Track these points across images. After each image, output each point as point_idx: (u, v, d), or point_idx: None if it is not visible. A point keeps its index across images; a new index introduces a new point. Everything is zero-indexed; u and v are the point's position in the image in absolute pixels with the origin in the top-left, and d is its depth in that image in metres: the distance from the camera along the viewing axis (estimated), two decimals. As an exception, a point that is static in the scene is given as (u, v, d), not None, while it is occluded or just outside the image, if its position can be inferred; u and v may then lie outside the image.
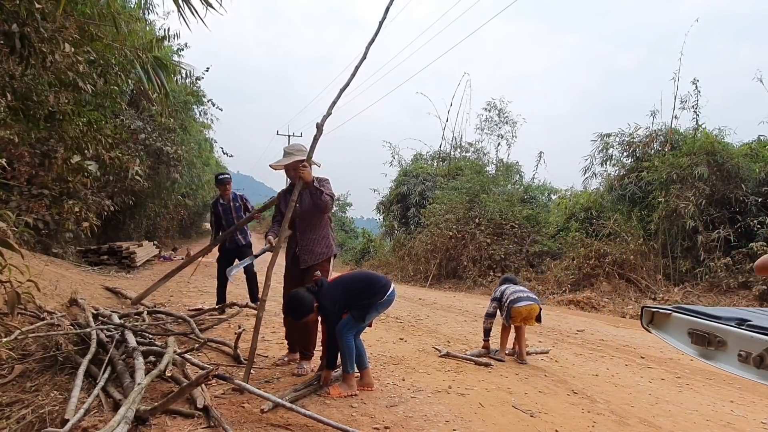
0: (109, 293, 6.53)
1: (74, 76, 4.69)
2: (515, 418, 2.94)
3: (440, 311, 7.65)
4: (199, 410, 2.54)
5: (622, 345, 5.62)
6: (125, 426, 2.14)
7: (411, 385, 3.42)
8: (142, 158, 10.51)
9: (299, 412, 2.53)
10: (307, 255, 3.60)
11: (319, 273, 3.43)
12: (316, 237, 3.62)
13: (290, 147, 3.69)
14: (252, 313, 5.59)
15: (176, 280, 9.43)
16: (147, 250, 12.19)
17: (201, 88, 15.22)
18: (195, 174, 17.63)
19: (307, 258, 3.60)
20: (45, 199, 7.01)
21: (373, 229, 20.98)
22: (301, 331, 3.64)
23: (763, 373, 1.05)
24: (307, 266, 3.59)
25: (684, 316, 1.32)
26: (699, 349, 1.24)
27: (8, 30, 3.84)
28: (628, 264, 9.91)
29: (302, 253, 3.60)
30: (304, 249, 3.60)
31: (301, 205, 3.59)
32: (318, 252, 3.62)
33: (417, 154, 19.70)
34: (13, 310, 2.95)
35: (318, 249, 3.62)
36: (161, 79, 5.52)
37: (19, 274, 3.09)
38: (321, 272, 3.49)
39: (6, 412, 2.38)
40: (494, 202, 13.37)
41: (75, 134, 5.63)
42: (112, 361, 3.00)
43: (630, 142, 11.94)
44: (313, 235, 3.62)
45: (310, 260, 3.59)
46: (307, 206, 3.58)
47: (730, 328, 1.16)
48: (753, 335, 1.09)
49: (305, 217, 3.60)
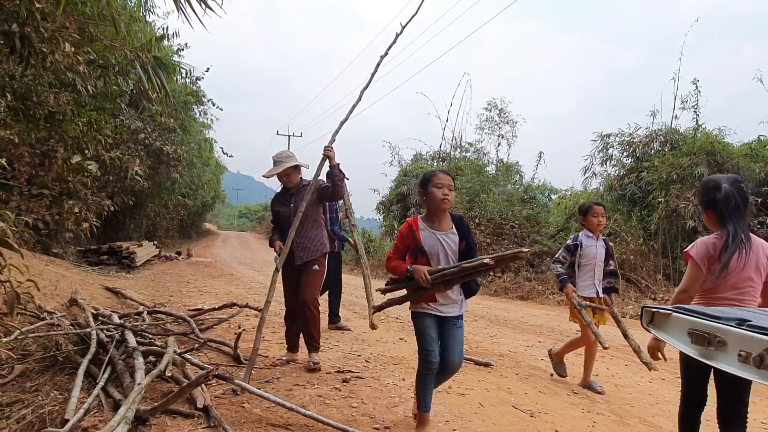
0: (109, 293, 6.53)
1: (74, 77, 4.69)
2: (515, 418, 2.94)
3: (440, 311, 7.65)
4: (199, 410, 2.54)
5: (622, 345, 5.61)
6: (125, 426, 2.14)
7: (411, 385, 3.41)
8: (142, 158, 10.52)
9: (299, 412, 2.53)
10: (303, 252, 3.79)
11: (317, 267, 3.81)
12: (311, 235, 3.83)
13: (278, 155, 3.90)
14: (252, 314, 5.58)
15: (176, 280, 9.47)
16: (147, 250, 12.21)
17: (201, 88, 15.23)
18: (195, 174, 17.63)
19: (302, 255, 3.79)
20: (45, 199, 7.02)
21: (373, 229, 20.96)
22: (306, 324, 3.76)
23: (763, 373, 1.05)
24: (302, 262, 3.79)
25: (684, 316, 1.32)
26: (699, 349, 1.24)
27: (8, 30, 3.84)
28: (628, 264, 9.90)
29: (298, 250, 3.76)
30: (300, 246, 3.77)
31: (296, 206, 3.76)
32: (313, 249, 3.83)
33: (417, 154, 19.68)
34: (13, 310, 2.95)
35: (313, 246, 3.84)
36: (161, 79, 5.52)
37: (19, 274, 3.09)
38: (318, 266, 3.84)
39: (6, 412, 2.38)
40: (494, 202, 13.36)
41: (75, 134, 5.63)
42: (112, 361, 3.00)
43: (630, 142, 11.93)
44: (309, 234, 3.81)
45: (305, 257, 3.79)
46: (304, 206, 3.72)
47: (730, 328, 1.16)
48: (753, 335, 1.09)
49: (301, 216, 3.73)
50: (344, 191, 3.84)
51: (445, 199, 2.45)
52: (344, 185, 3.77)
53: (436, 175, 2.51)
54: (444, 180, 2.49)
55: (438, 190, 2.45)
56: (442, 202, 2.46)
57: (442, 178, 2.49)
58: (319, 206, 3.97)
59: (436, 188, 2.46)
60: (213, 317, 5.23)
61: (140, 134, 10.71)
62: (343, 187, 3.75)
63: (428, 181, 2.51)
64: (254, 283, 9.68)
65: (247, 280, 10.37)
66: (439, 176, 2.50)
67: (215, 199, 30.29)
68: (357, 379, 3.52)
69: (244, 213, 56.16)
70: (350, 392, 3.20)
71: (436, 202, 2.46)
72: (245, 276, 11.21)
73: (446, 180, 2.49)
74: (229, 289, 8.46)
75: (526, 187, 16.25)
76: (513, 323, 6.81)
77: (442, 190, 2.45)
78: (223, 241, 27.30)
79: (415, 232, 2.49)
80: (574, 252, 3.66)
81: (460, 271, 2.31)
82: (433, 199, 2.47)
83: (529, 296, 10.31)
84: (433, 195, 2.46)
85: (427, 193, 2.51)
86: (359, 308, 5.43)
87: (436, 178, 2.49)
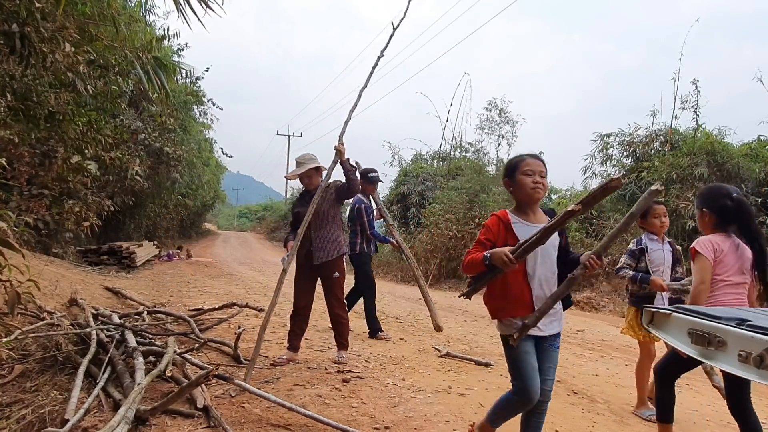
0: (109, 293, 6.53)
1: (74, 77, 4.69)
2: (515, 418, 2.94)
3: (440, 311, 7.61)
4: (199, 410, 2.54)
5: (622, 345, 5.62)
6: (125, 426, 2.14)
7: (411, 385, 3.42)
8: (142, 158, 10.51)
9: (299, 412, 2.53)
10: (321, 252, 3.86)
11: (338, 274, 3.92)
12: (329, 236, 3.91)
13: (301, 157, 4.00)
14: (252, 314, 5.58)
15: (176, 280, 9.47)
16: (147, 250, 12.20)
17: (201, 88, 15.22)
18: (195, 174, 17.62)
19: (320, 255, 3.86)
20: (45, 199, 7.01)
21: (372, 230, 21.00)
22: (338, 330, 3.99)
23: (763, 373, 1.05)
24: (320, 262, 3.86)
25: (684, 316, 1.32)
26: (699, 349, 1.24)
27: (8, 30, 3.84)
28: (628, 264, 9.90)
29: (316, 250, 3.85)
30: (318, 246, 3.86)
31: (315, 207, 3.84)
32: (331, 249, 3.90)
33: (417, 154, 19.68)
34: (13, 309, 2.95)
35: (331, 247, 3.90)
36: (161, 80, 5.51)
37: (19, 274, 3.09)
38: (338, 272, 3.94)
39: (6, 412, 2.38)
40: (494, 202, 13.35)
41: (75, 134, 5.63)
42: (112, 361, 3.00)
43: (630, 142, 11.93)
44: (327, 234, 3.90)
45: (323, 257, 3.86)
46: (322, 208, 3.83)
47: (730, 328, 1.16)
48: (753, 335, 1.09)
49: (318, 216, 3.84)
50: (358, 184, 3.91)
51: (537, 187, 2.06)
52: (357, 178, 3.85)
53: (524, 161, 2.08)
54: (534, 165, 2.07)
55: (528, 177, 2.05)
56: (534, 191, 2.06)
57: (532, 163, 2.08)
58: (338, 207, 4.03)
59: (526, 176, 2.06)
60: (213, 317, 5.22)
61: (140, 134, 10.71)
62: (356, 180, 3.82)
63: (515, 168, 2.10)
64: (254, 283, 9.68)
65: (247, 280, 10.37)
66: (527, 162, 2.08)
67: (215, 199, 30.29)
68: (357, 379, 3.51)
69: (244, 213, 56.17)
70: (350, 392, 3.20)
71: (527, 191, 2.06)
72: (245, 276, 11.21)
73: (537, 165, 2.08)
74: (229, 289, 8.46)
75: (526, 187, 16.23)
76: (513, 323, 6.81)
77: (533, 178, 2.06)
78: (223, 241, 27.30)
79: (509, 225, 2.07)
80: (639, 257, 3.22)
81: (544, 232, 1.87)
82: (522, 189, 2.07)
83: (529, 296, 10.30)
84: (523, 184, 2.06)
85: (514, 182, 2.10)
86: (359, 307, 5.44)
87: (525, 165, 2.07)
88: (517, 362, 2.06)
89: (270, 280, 10.04)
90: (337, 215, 4.01)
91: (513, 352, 2.06)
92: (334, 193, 3.91)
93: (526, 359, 2.04)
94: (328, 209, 3.90)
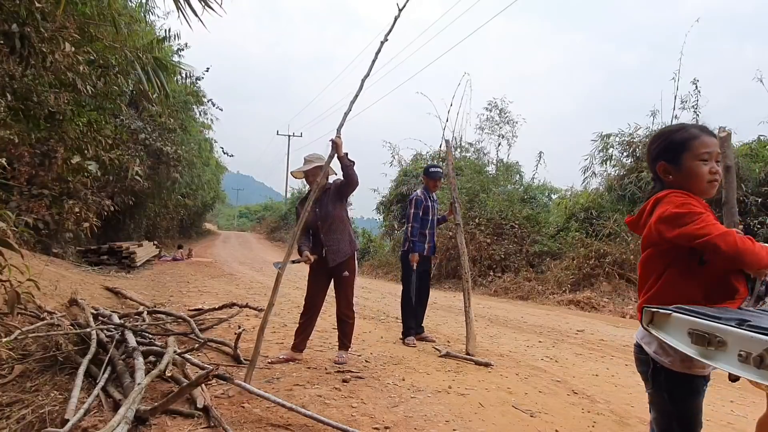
0: (109, 293, 6.53)
1: (74, 77, 4.69)
2: (515, 418, 2.94)
3: (440, 311, 7.65)
4: (199, 410, 2.54)
5: (622, 345, 5.62)
6: (125, 426, 2.14)
7: (411, 385, 3.42)
8: (142, 158, 10.52)
9: (299, 411, 2.53)
10: (335, 254, 3.87)
11: (347, 273, 3.88)
12: (340, 236, 3.91)
13: (309, 156, 4.00)
14: (252, 314, 5.59)
15: (176, 280, 9.47)
16: (147, 250, 12.21)
17: (201, 88, 15.23)
18: (195, 174, 17.65)
19: (335, 256, 3.87)
20: (45, 199, 7.01)
21: (373, 229, 20.95)
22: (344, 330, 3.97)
23: (763, 373, 1.05)
24: (335, 264, 3.87)
25: (684, 316, 1.32)
26: (699, 349, 1.24)
27: (8, 30, 3.84)
28: (628, 264, 9.90)
29: (330, 252, 3.87)
30: (331, 249, 3.87)
31: (321, 209, 3.88)
32: (344, 250, 3.90)
33: (417, 154, 19.68)
34: (13, 309, 2.95)
35: (344, 247, 3.91)
36: (161, 80, 5.52)
37: (19, 274, 3.09)
38: (348, 271, 3.90)
39: (6, 412, 2.37)
40: (494, 202, 13.36)
41: (75, 134, 5.64)
42: (112, 361, 3.00)
43: (630, 142, 11.94)
44: (338, 235, 3.90)
45: (338, 258, 3.88)
46: (328, 210, 3.86)
47: (730, 328, 1.16)
48: (753, 335, 1.09)
49: (327, 219, 3.87)
50: (355, 177, 3.78)
51: (714, 181, 1.47)
52: (354, 172, 3.73)
53: (699, 140, 1.47)
54: (713, 146, 1.47)
55: (704, 166, 1.46)
56: (711, 186, 1.48)
57: (710, 143, 1.47)
58: (343, 205, 4.03)
59: (702, 162, 1.46)
60: (213, 317, 5.22)
61: (140, 134, 10.72)
62: (353, 174, 3.72)
63: (684, 147, 1.48)
64: (254, 283, 9.68)
65: (247, 280, 10.37)
66: (704, 142, 1.46)
67: (215, 199, 30.33)
68: (357, 379, 3.51)
69: (244, 213, 56.20)
70: (350, 392, 3.20)
71: (702, 187, 1.47)
72: (245, 276, 11.21)
73: (714, 146, 1.48)
74: (229, 289, 8.46)
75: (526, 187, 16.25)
76: (513, 323, 6.81)
77: (710, 166, 1.46)
78: (223, 241, 27.31)
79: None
80: None
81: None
82: (695, 182, 1.47)
83: (529, 296, 10.31)
84: (697, 174, 1.46)
85: (679, 169, 1.49)
86: (358, 308, 5.44)
87: (701, 145, 1.46)
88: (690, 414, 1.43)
89: (270, 280, 10.03)
90: (344, 214, 4.00)
91: (689, 401, 1.43)
92: (336, 192, 3.92)
93: (700, 409, 1.44)
94: (335, 210, 3.90)
